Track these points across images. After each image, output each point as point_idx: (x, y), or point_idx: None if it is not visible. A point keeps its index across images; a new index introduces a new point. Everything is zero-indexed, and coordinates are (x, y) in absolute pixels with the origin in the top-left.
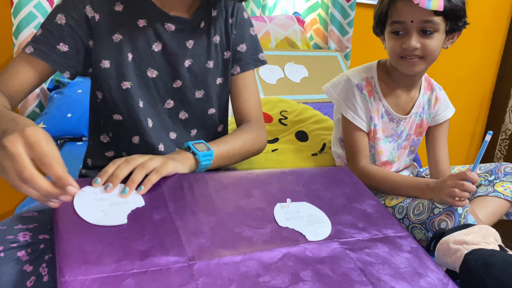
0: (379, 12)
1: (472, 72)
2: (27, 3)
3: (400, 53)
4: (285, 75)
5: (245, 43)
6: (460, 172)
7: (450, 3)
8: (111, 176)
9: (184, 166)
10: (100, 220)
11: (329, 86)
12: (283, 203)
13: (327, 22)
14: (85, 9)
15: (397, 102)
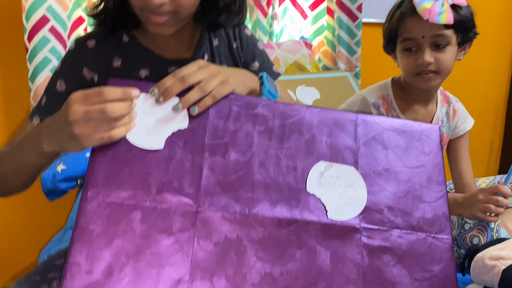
0: (388, 31)
1: (485, 81)
2: (42, 48)
3: (416, 70)
4: (297, 99)
5: (257, 59)
6: (492, 186)
7: (459, 15)
8: (165, 91)
9: (246, 87)
10: (139, 140)
11: (345, 106)
12: (326, 163)
13: (334, 44)
14: (83, 72)
15: (416, 118)
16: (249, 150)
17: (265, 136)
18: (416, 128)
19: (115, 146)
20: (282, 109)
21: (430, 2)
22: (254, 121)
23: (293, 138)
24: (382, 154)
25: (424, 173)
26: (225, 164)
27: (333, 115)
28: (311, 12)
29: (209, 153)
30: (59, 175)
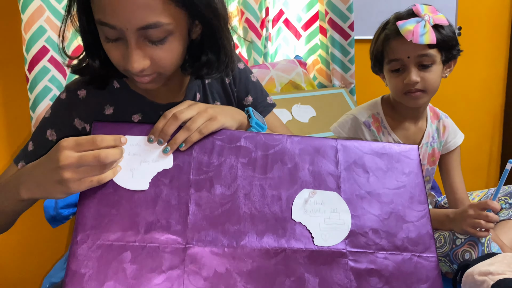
0: (375, 52)
1: (480, 92)
2: (42, 78)
3: (403, 89)
4: (293, 117)
5: (250, 93)
6: (481, 202)
7: (442, 35)
8: (161, 133)
9: (234, 120)
10: (125, 181)
11: (336, 126)
12: (310, 191)
13: (328, 62)
14: (74, 122)
15: (407, 135)
16: (234, 183)
17: (248, 168)
18: (395, 150)
19: (102, 188)
20: (264, 140)
21: (413, 23)
22: (237, 153)
23: (276, 168)
24: (364, 177)
25: (405, 193)
26: (211, 198)
27: (313, 143)
28: (304, 32)
29: (194, 189)
30: (61, 201)
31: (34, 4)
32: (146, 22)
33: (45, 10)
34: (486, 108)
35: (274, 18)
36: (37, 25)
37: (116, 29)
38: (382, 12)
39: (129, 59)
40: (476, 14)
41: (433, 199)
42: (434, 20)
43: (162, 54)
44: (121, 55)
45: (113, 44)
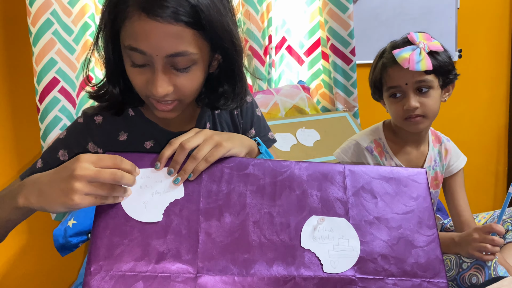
0: (373, 80)
1: (484, 112)
2: (52, 108)
3: (404, 115)
4: (298, 141)
5: (254, 126)
6: (486, 225)
7: (437, 60)
8: (172, 163)
9: (243, 146)
10: (138, 214)
11: (339, 151)
12: (318, 218)
13: (331, 86)
14: (88, 146)
15: (409, 159)
16: (243, 210)
17: (257, 195)
18: (403, 174)
19: (114, 219)
20: (272, 166)
21: (408, 51)
22: (246, 181)
23: (284, 195)
24: (372, 203)
25: (414, 218)
26: (221, 227)
27: (321, 168)
28: (307, 58)
29: (204, 218)
30: (70, 229)
31: (45, 37)
32: (176, 50)
33: (56, 43)
34: (490, 129)
35: (277, 45)
36: (48, 57)
37: (145, 55)
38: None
39: (154, 83)
40: (476, 37)
41: (439, 222)
42: (429, 47)
43: (185, 81)
44: (146, 81)
45: (139, 69)
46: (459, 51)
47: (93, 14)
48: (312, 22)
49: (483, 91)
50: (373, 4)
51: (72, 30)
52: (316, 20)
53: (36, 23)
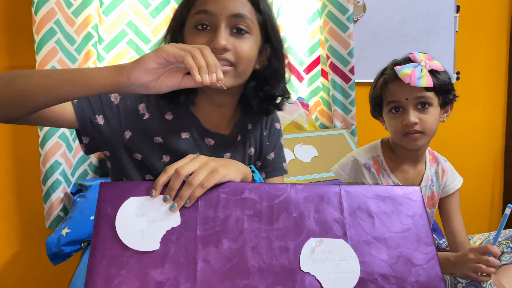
0: (374, 96)
1: (480, 134)
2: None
3: (403, 130)
4: (295, 157)
5: (274, 151)
6: (481, 246)
7: (438, 79)
8: (168, 189)
9: (239, 172)
10: (135, 243)
11: (337, 167)
12: (317, 240)
13: (330, 103)
14: (139, 105)
15: (406, 177)
16: (240, 236)
17: (254, 220)
18: (398, 193)
19: (111, 250)
20: (268, 190)
21: (410, 68)
22: (242, 206)
23: (282, 218)
24: (369, 222)
25: (412, 236)
26: (219, 253)
27: (317, 190)
28: (307, 75)
29: (202, 245)
30: (64, 238)
31: (48, 46)
32: (238, 11)
33: (58, 52)
34: (486, 151)
35: None
36: (50, 65)
37: (211, 15)
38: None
39: (217, 35)
40: (474, 59)
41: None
42: (430, 65)
43: (241, 44)
44: (207, 41)
45: (201, 33)
46: (457, 73)
47: (97, 25)
48: (313, 40)
49: (480, 113)
50: (373, 24)
51: (74, 39)
52: (316, 38)
53: (40, 31)
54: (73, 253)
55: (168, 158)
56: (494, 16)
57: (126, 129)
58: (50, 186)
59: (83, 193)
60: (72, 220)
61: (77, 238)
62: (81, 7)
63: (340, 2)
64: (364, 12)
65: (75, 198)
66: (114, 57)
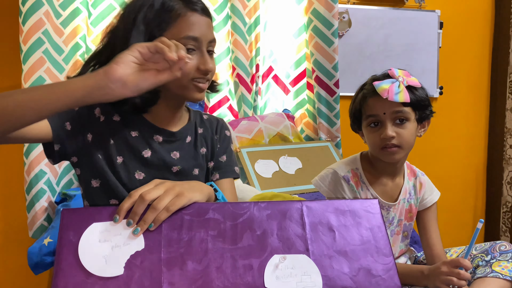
0: (353, 111)
1: (462, 149)
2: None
3: (380, 144)
4: (280, 168)
5: (226, 155)
6: (454, 259)
7: (415, 95)
8: (131, 214)
9: (203, 194)
10: (99, 269)
11: (317, 179)
12: (280, 256)
13: (315, 116)
14: (95, 110)
15: (384, 190)
16: (205, 257)
17: (219, 240)
18: (356, 206)
19: (75, 277)
20: (231, 209)
21: (388, 83)
22: (206, 226)
23: (245, 237)
24: (330, 236)
25: (371, 247)
26: (183, 275)
27: (279, 207)
28: (292, 87)
29: (166, 268)
30: (46, 248)
31: (35, 56)
32: (213, 36)
33: (45, 62)
34: (469, 165)
35: (264, 74)
36: (37, 75)
37: (197, 41)
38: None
39: (207, 61)
40: (457, 75)
41: (412, 255)
42: (407, 81)
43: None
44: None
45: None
46: (440, 88)
47: (85, 35)
48: (299, 54)
49: (463, 127)
50: (358, 39)
51: (62, 50)
52: (302, 52)
53: (27, 41)
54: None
55: (121, 159)
56: (476, 32)
57: (87, 132)
58: (34, 195)
59: (66, 203)
60: (55, 230)
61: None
62: (69, 17)
63: (326, 17)
64: (350, 27)
65: (59, 207)
66: None
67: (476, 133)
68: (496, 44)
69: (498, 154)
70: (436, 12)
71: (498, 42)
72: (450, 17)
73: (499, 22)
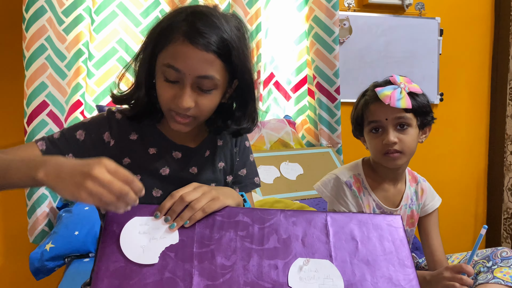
0: (355, 116)
1: (463, 155)
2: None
3: (382, 149)
4: (281, 174)
5: (246, 167)
6: (456, 265)
7: (417, 101)
8: (170, 211)
9: (234, 200)
10: (137, 257)
11: (320, 184)
12: (304, 259)
13: (316, 122)
14: (104, 135)
15: (386, 196)
16: (233, 254)
17: (246, 240)
18: (379, 220)
19: (114, 262)
20: (260, 214)
21: (390, 90)
22: (236, 227)
23: (272, 239)
24: (352, 245)
25: (393, 258)
26: (213, 269)
27: (305, 216)
28: (294, 94)
29: (197, 261)
30: (47, 253)
31: (38, 62)
32: (205, 73)
33: (48, 68)
34: (470, 171)
35: (265, 80)
36: (39, 81)
37: (180, 72)
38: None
39: (181, 97)
40: (457, 81)
41: (414, 260)
42: (409, 88)
43: (205, 101)
44: (173, 95)
45: (169, 84)
46: (440, 94)
47: (87, 42)
48: (300, 60)
49: (463, 134)
50: (359, 46)
51: (65, 56)
52: (303, 59)
53: (30, 47)
54: (56, 268)
55: (139, 177)
56: (476, 39)
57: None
58: (36, 201)
59: (68, 208)
60: (57, 235)
61: (61, 253)
62: (72, 24)
63: (327, 24)
64: (350, 34)
65: (61, 213)
66: (104, 73)
67: (477, 139)
68: (496, 50)
69: (499, 160)
70: (436, 20)
71: (498, 49)
72: (450, 24)
73: (499, 29)
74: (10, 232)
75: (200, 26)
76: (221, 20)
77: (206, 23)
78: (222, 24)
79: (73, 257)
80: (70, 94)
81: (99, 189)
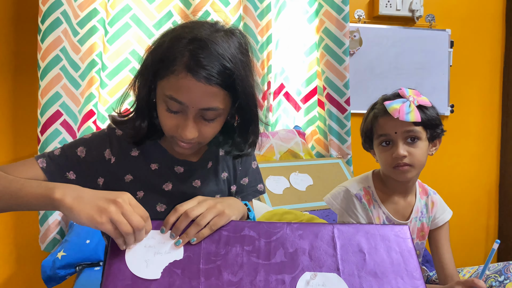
0: (365, 130)
1: (474, 168)
2: (53, 140)
3: (392, 163)
4: (291, 185)
5: (248, 176)
6: (468, 280)
7: (426, 114)
8: (174, 228)
9: (239, 212)
10: (140, 271)
11: (329, 197)
12: (311, 273)
13: (326, 133)
14: (105, 152)
15: (396, 208)
16: (240, 270)
17: (253, 255)
18: (386, 231)
19: (121, 280)
20: (266, 228)
21: (399, 103)
22: (242, 242)
23: (278, 254)
24: (360, 258)
25: (401, 270)
26: (220, 285)
27: (311, 228)
28: (304, 104)
29: (204, 277)
30: (59, 261)
31: (53, 72)
32: (209, 106)
33: (62, 78)
34: (481, 184)
35: (275, 91)
36: (54, 91)
37: (182, 105)
38: (378, 88)
39: (185, 129)
40: (468, 93)
41: (424, 274)
42: (418, 101)
43: (209, 129)
44: (176, 125)
45: (172, 115)
46: (451, 106)
47: (101, 53)
48: (310, 72)
49: (474, 146)
50: (369, 57)
51: (79, 66)
52: (313, 70)
53: (46, 58)
54: (68, 276)
55: (142, 193)
56: (487, 50)
57: (98, 176)
58: None
59: None
60: (68, 243)
61: (72, 261)
62: (87, 35)
63: (337, 36)
64: (361, 45)
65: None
66: (117, 84)
67: (488, 151)
68: (507, 62)
69: (511, 172)
70: (447, 31)
71: (509, 60)
72: (461, 36)
73: (510, 40)
74: (22, 240)
75: (202, 57)
76: (223, 45)
77: (207, 53)
78: (225, 49)
79: (84, 266)
80: (83, 104)
81: (120, 217)
